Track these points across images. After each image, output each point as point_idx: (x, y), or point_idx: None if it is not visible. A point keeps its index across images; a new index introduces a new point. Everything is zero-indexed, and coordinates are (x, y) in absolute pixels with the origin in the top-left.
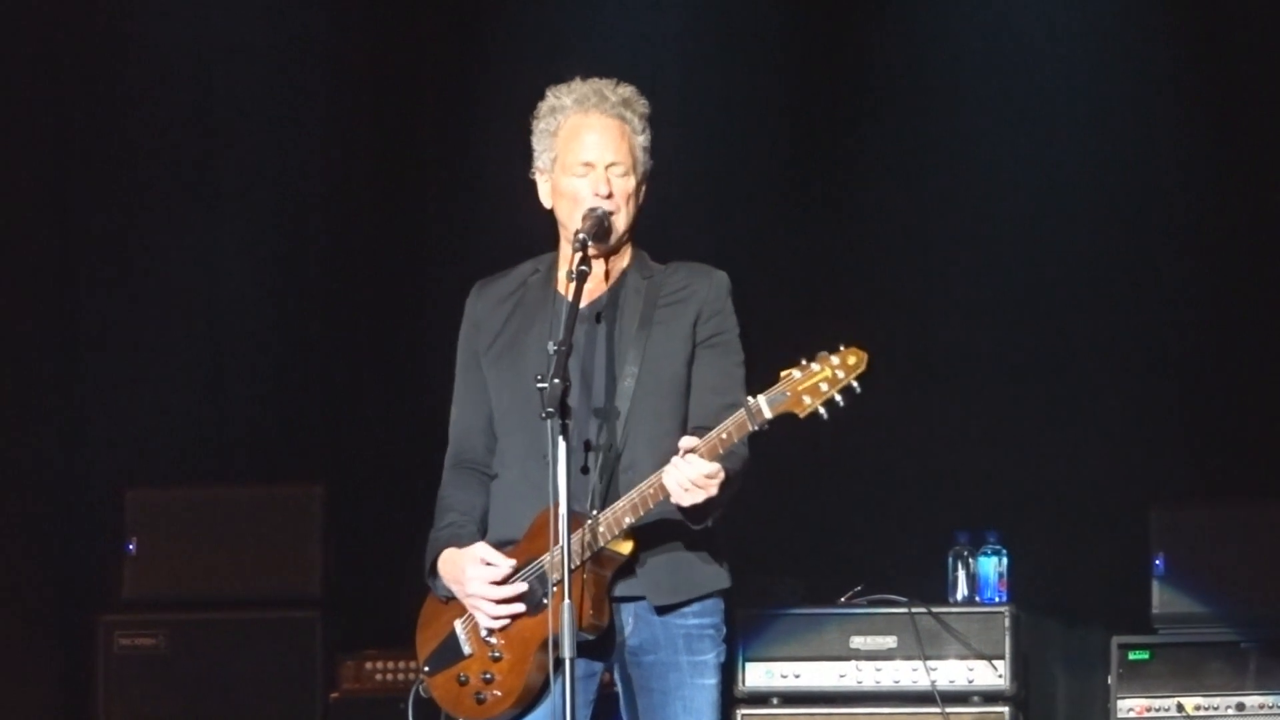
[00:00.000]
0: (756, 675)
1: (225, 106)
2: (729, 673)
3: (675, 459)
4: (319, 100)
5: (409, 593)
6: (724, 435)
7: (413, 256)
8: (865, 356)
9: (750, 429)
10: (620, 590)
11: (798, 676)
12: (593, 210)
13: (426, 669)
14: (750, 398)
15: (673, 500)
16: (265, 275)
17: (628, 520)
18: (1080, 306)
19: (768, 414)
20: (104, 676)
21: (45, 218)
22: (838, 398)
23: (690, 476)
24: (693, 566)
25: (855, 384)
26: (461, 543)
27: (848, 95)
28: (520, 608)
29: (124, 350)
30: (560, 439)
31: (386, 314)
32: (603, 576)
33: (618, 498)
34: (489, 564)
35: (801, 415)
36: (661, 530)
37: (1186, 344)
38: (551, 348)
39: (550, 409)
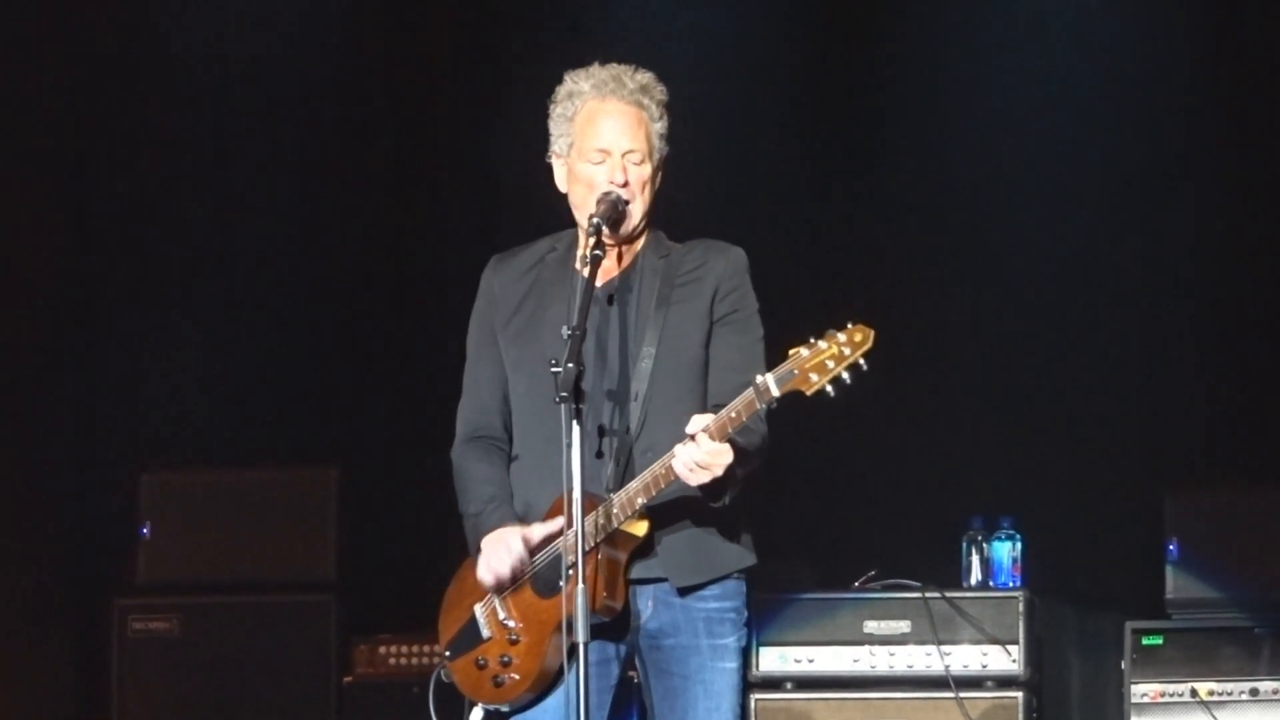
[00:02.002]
0: (770, 660)
1: (240, 89)
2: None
3: (680, 444)
4: (334, 83)
5: (423, 576)
6: (733, 414)
7: (427, 240)
8: (872, 334)
9: (758, 408)
10: (639, 572)
11: (811, 661)
12: (607, 194)
13: (448, 654)
14: (758, 376)
15: (684, 480)
16: (279, 258)
17: (640, 501)
18: (1094, 291)
19: (775, 392)
20: (118, 660)
21: (60, 202)
22: (845, 375)
23: (697, 458)
24: (714, 546)
25: (862, 361)
26: (503, 520)
27: (862, 80)
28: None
29: (138, 333)
30: (574, 424)
31: (401, 297)
32: (617, 558)
33: (657, 454)
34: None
35: (809, 393)
36: (680, 509)
37: (1201, 329)
38: (565, 332)
39: (564, 394)
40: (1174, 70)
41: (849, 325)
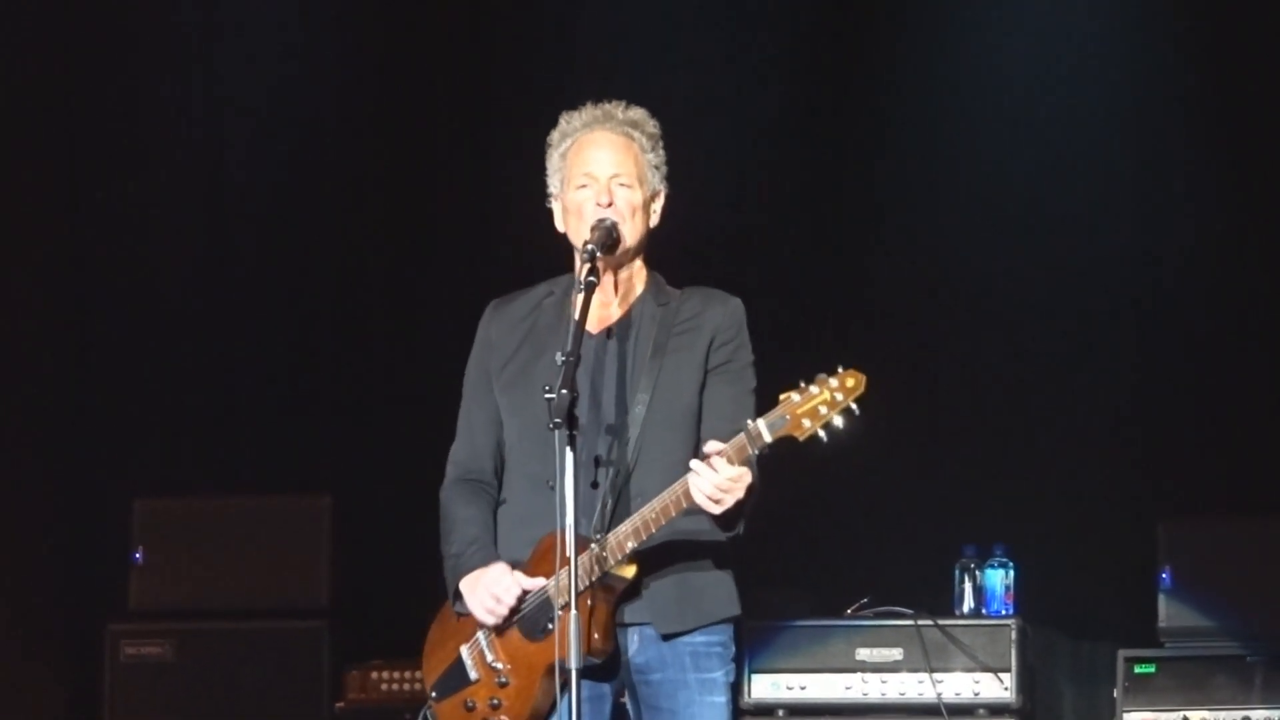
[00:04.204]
0: (763, 687)
1: (235, 115)
2: (734, 685)
3: (696, 465)
4: (330, 109)
5: (415, 603)
6: (726, 459)
7: (422, 269)
8: (864, 379)
9: (750, 453)
10: (626, 616)
11: (804, 688)
12: (601, 221)
13: (434, 694)
14: (750, 421)
15: (702, 506)
16: (274, 286)
17: (630, 545)
18: (1088, 319)
19: (767, 438)
20: (111, 686)
21: (54, 227)
22: (836, 420)
23: (717, 482)
24: (701, 593)
25: (854, 406)
26: (482, 563)
27: (853, 115)
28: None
29: (132, 359)
30: (567, 449)
31: (395, 325)
32: (608, 601)
33: (645, 501)
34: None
35: (801, 438)
36: (668, 554)
37: (1195, 358)
38: (559, 358)
39: (558, 419)
40: (1171, 98)
41: (840, 370)
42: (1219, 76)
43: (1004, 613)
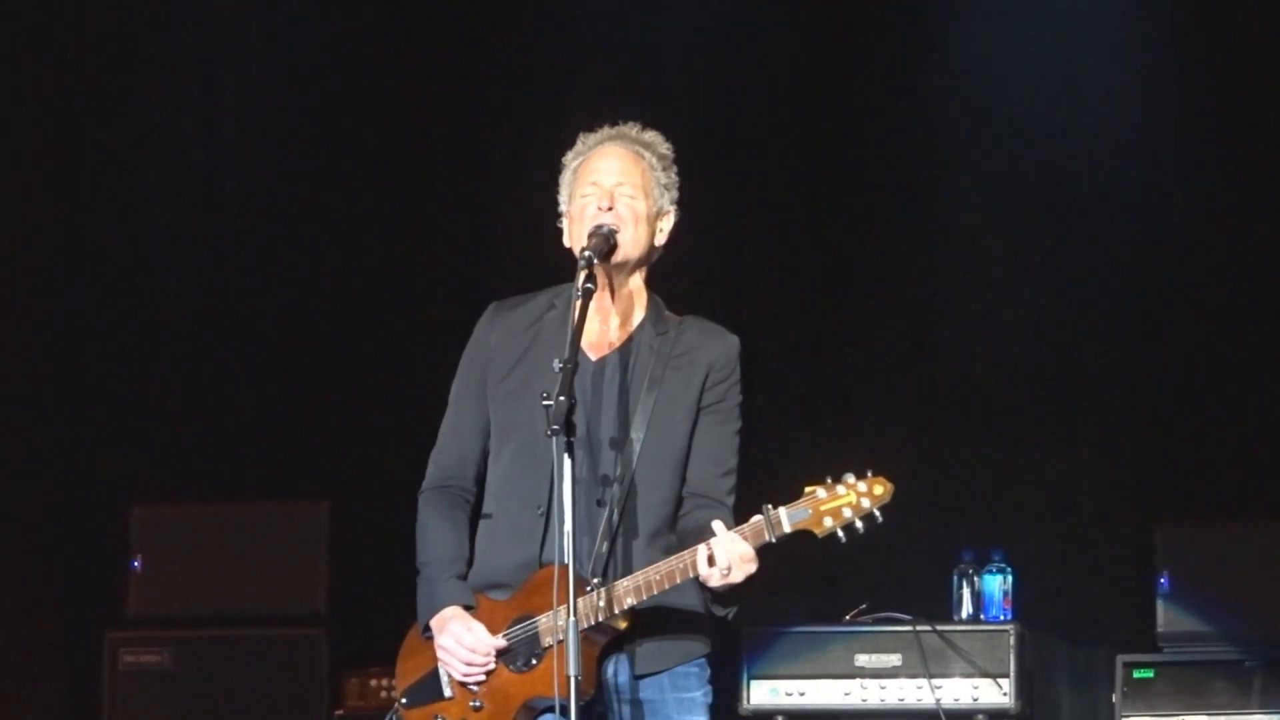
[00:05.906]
0: (761, 693)
1: (233, 120)
2: (733, 691)
3: (719, 528)
4: (329, 111)
5: (413, 610)
6: (742, 537)
7: (419, 275)
8: (891, 488)
9: (766, 539)
10: (607, 650)
11: (802, 694)
12: (598, 228)
13: (403, 700)
14: (771, 508)
15: (702, 577)
16: (272, 292)
17: (629, 601)
18: (1086, 325)
19: (786, 528)
20: (109, 693)
21: (52, 231)
22: (859, 525)
23: (730, 551)
24: (678, 636)
25: (878, 513)
26: (455, 596)
27: (851, 118)
28: (490, 666)
29: (130, 366)
30: (565, 458)
31: (392, 331)
32: (595, 647)
33: (634, 534)
34: (472, 649)
35: (819, 535)
36: (653, 610)
37: (1193, 363)
38: (557, 365)
39: (555, 426)
40: (1171, 117)
41: (869, 474)
42: (1219, 76)
43: (1002, 618)
